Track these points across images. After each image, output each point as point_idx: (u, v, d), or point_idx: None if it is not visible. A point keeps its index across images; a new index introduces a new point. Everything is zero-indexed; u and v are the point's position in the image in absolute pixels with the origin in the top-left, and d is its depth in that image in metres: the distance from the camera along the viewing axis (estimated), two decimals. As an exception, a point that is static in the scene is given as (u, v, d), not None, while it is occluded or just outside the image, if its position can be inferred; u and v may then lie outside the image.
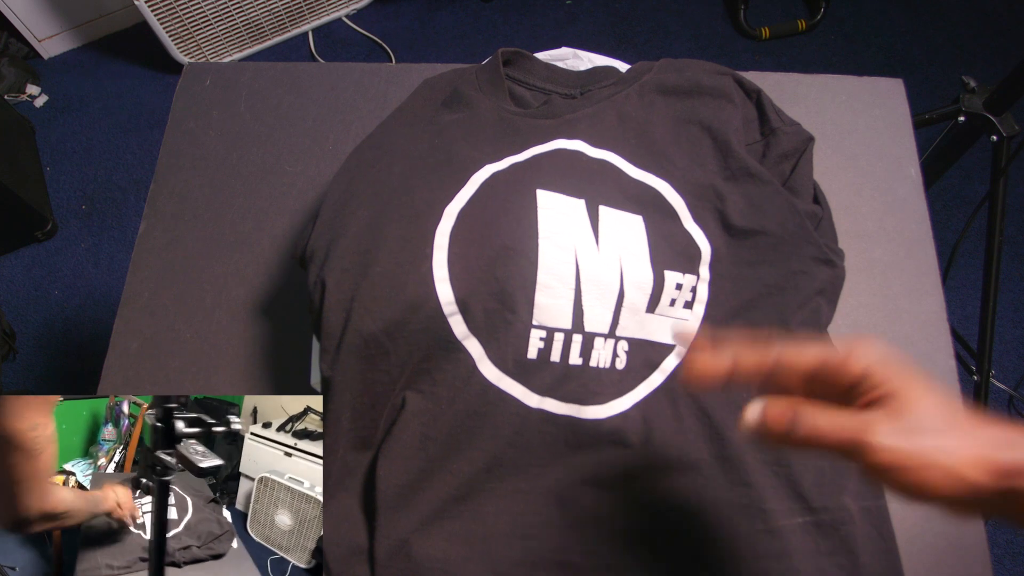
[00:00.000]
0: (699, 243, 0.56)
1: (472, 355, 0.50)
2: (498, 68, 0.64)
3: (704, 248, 0.56)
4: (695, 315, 0.55)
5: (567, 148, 0.58)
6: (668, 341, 0.54)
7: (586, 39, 1.96)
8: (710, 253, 0.56)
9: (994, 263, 1.06)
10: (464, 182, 0.55)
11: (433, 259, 0.51)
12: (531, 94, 0.65)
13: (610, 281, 0.52)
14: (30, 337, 1.62)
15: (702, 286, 0.56)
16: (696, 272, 0.56)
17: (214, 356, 0.67)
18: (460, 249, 0.52)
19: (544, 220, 0.52)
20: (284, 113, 0.79)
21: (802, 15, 1.94)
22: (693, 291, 0.55)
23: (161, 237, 0.73)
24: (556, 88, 0.65)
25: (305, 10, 1.89)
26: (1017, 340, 1.52)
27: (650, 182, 0.58)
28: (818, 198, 0.63)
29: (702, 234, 0.57)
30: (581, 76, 0.66)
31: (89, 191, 1.79)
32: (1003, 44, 1.89)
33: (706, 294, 0.56)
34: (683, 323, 0.54)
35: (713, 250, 0.56)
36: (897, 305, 0.62)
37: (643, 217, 0.56)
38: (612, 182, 0.57)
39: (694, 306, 0.55)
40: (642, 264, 0.53)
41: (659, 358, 0.53)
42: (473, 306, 0.50)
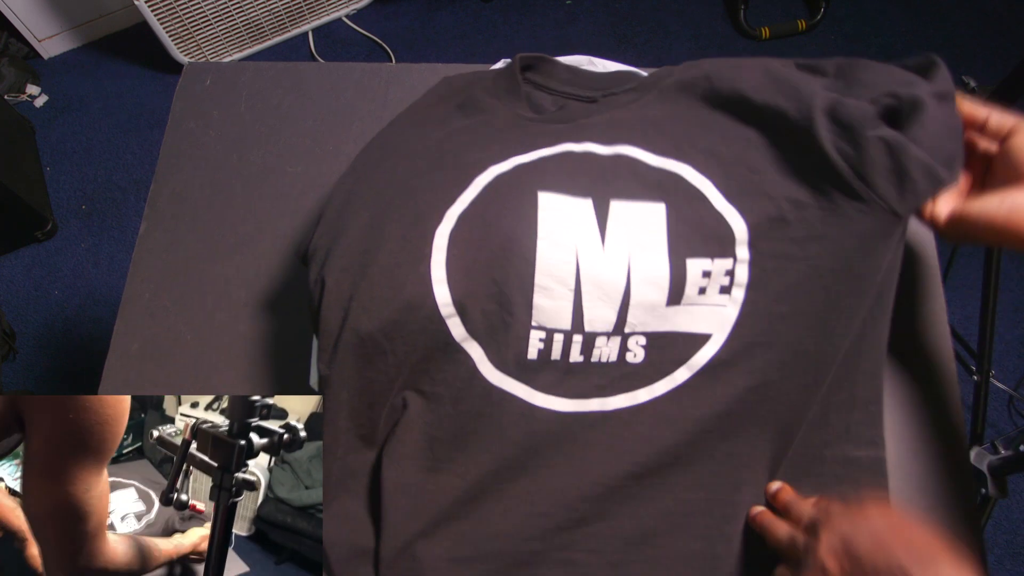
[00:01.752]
0: (732, 223, 0.52)
1: (472, 357, 0.50)
2: (515, 74, 0.63)
3: (739, 227, 0.52)
4: (734, 300, 0.51)
5: (575, 151, 0.57)
6: (702, 331, 0.51)
7: (586, 39, 1.96)
8: (746, 232, 0.52)
9: (994, 263, 1.06)
10: (467, 184, 0.55)
11: (431, 260, 0.51)
12: (551, 99, 0.63)
13: (614, 280, 0.51)
14: (30, 337, 1.62)
15: (741, 268, 0.52)
16: (732, 254, 0.52)
17: (214, 357, 0.67)
18: (459, 250, 0.52)
19: (544, 221, 0.52)
20: (284, 113, 0.79)
21: (802, 15, 1.94)
22: (730, 275, 0.51)
23: (161, 238, 0.73)
24: (577, 91, 0.63)
25: (305, 10, 1.89)
26: (1017, 340, 1.52)
27: (671, 167, 0.55)
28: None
29: (736, 213, 0.52)
30: (603, 79, 0.64)
31: (89, 191, 1.79)
32: (1003, 44, 1.89)
33: (746, 276, 0.52)
34: None
35: (750, 227, 0.52)
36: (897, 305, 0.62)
37: (665, 204, 0.53)
38: (629, 174, 0.55)
39: (732, 291, 0.51)
40: (657, 258, 0.51)
41: (689, 351, 0.51)
42: (471, 308, 0.50)
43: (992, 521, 1.34)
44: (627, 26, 1.98)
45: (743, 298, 0.51)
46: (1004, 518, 1.35)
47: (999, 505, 1.33)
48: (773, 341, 0.51)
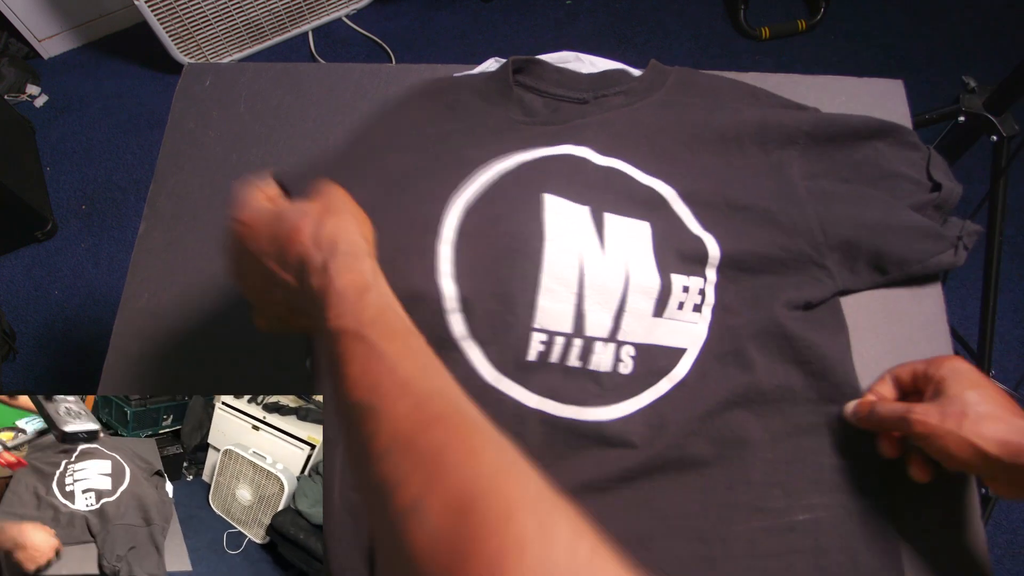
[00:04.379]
0: (708, 245, 0.56)
1: (469, 357, 0.50)
2: (507, 78, 0.63)
3: (713, 250, 0.56)
4: (704, 319, 0.55)
5: (575, 154, 0.58)
6: (679, 345, 0.53)
7: (586, 39, 1.96)
8: (719, 257, 0.56)
9: (994, 263, 1.06)
10: (469, 176, 0.55)
11: (438, 253, 0.51)
12: (542, 101, 0.64)
13: (614, 286, 0.52)
14: (30, 337, 1.62)
15: (709, 289, 0.55)
16: (703, 275, 0.55)
17: (214, 356, 0.67)
18: (466, 245, 0.52)
19: (550, 224, 0.52)
20: (284, 114, 0.79)
21: (802, 15, 1.94)
22: (701, 294, 0.55)
23: (161, 238, 0.73)
24: (567, 93, 0.64)
25: (305, 10, 1.89)
26: (1017, 340, 1.52)
27: (658, 188, 0.58)
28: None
29: (711, 238, 0.57)
30: (593, 79, 0.65)
31: (89, 191, 1.79)
32: (1003, 44, 1.89)
33: (713, 297, 0.55)
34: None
35: (723, 254, 0.56)
36: (897, 305, 0.62)
37: (650, 224, 0.56)
38: (620, 188, 0.57)
39: (703, 309, 0.55)
40: (649, 269, 0.53)
41: (669, 364, 0.53)
42: (475, 306, 0.50)
43: (992, 521, 1.34)
44: (627, 26, 1.98)
45: (711, 318, 0.54)
46: (1004, 518, 1.35)
47: (999, 505, 1.33)
48: (740, 351, 0.54)
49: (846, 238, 0.58)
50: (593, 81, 0.65)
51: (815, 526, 0.51)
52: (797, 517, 0.51)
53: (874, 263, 0.59)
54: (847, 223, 0.58)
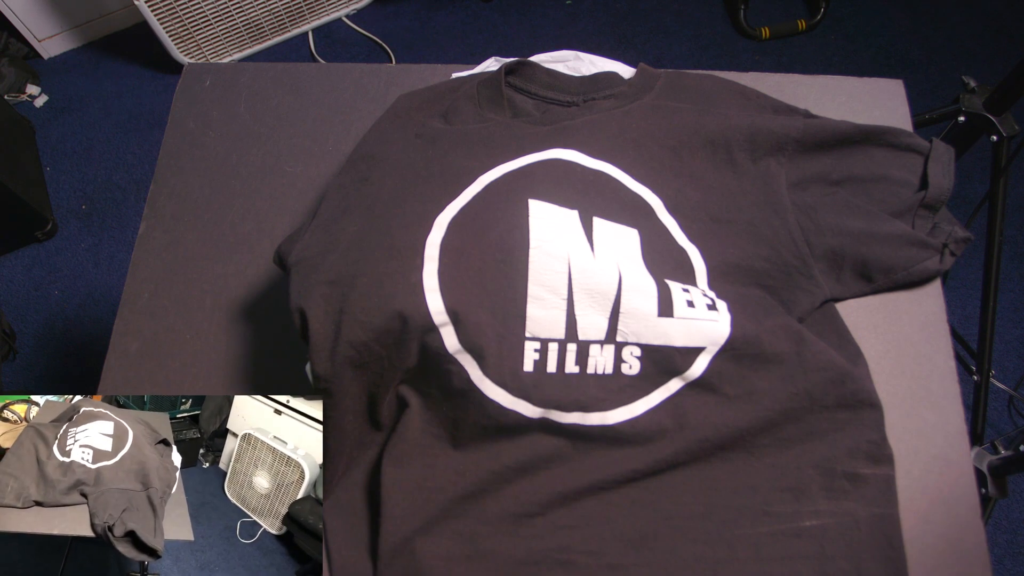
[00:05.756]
0: (692, 257, 0.56)
1: (467, 370, 0.50)
2: (499, 83, 0.64)
3: (698, 263, 0.56)
4: (722, 315, 0.53)
5: (563, 158, 0.58)
6: (695, 344, 0.52)
7: (586, 39, 1.96)
8: (706, 273, 0.56)
9: (994, 263, 1.06)
10: (457, 193, 0.55)
11: (423, 270, 0.51)
12: (533, 103, 0.64)
13: (607, 288, 0.51)
14: (30, 337, 1.62)
15: (711, 293, 0.55)
16: (694, 284, 0.55)
17: (214, 356, 0.67)
18: (450, 259, 0.52)
19: (536, 229, 0.52)
20: (284, 114, 0.79)
21: (802, 15, 1.94)
22: (706, 296, 0.54)
23: (161, 238, 0.73)
24: (558, 96, 0.64)
25: (305, 10, 1.89)
26: (1017, 340, 1.52)
27: (645, 196, 0.58)
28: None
29: (696, 250, 0.57)
30: (583, 83, 0.65)
31: (89, 191, 1.79)
32: (1003, 44, 1.89)
33: (721, 299, 0.55)
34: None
35: (708, 267, 0.56)
36: (897, 305, 0.62)
37: (638, 231, 0.56)
38: (610, 193, 0.57)
39: (718, 306, 0.53)
40: (641, 272, 0.53)
41: (684, 364, 0.51)
42: (464, 318, 0.50)
43: (992, 521, 1.34)
44: (627, 26, 1.98)
45: (730, 317, 0.53)
46: (1004, 518, 1.35)
47: (999, 505, 1.33)
48: (759, 353, 0.53)
49: (831, 247, 0.58)
50: (583, 84, 0.65)
51: (822, 533, 0.50)
52: (804, 523, 0.51)
53: (860, 271, 0.59)
54: (831, 232, 0.58)
